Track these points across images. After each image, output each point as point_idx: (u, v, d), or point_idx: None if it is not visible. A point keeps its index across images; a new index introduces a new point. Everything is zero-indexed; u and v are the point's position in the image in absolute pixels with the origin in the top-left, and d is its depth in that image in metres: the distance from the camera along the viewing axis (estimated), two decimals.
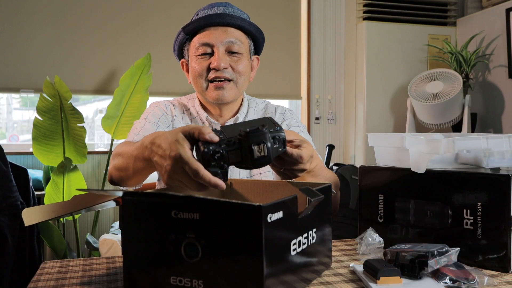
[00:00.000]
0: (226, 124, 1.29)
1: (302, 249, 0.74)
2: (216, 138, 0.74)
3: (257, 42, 1.30)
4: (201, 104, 1.31)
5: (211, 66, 1.19)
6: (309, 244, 0.77)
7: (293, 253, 0.71)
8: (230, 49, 1.21)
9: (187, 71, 1.30)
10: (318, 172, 1.04)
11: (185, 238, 0.67)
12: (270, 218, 0.63)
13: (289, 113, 1.35)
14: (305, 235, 0.75)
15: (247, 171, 1.28)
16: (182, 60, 1.31)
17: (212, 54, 1.20)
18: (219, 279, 0.65)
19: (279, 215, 0.65)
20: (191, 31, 1.22)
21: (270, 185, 0.96)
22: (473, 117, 2.89)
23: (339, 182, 1.17)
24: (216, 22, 1.19)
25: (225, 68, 1.19)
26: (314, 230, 0.78)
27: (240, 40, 1.22)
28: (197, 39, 1.22)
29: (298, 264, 0.73)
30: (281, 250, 0.68)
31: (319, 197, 0.76)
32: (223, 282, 0.65)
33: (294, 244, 0.71)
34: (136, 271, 0.72)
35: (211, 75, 1.20)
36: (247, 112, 1.33)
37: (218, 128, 0.78)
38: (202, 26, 1.20)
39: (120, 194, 0.72)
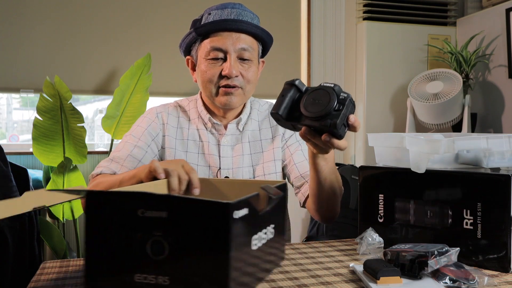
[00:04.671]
0: (228, 124, 1.29)
1: (262, 244, 0.78)
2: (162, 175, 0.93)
3: (266, 46, 1.31)
4: (204, 105, 1.31)
5: (223, 73, 1.19)
6: (268, 239, 0.81)
7: (254, 247, 0.75)
8: (242, 56, 1.21)
9: (192, 68, 1.30)
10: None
11: (151, 236, 0.67)
12: (236, 215, 0.66)
13: None
14: (264, 230, 0.79)
15: (251, 170, 1.28)
16: (188, 57, 1.31)
17: (223, 59, 1.20)
18: (185, 275, 0.66)
19: (244, 211, 0.69)
20: (203, 33, 1.21)
21: (238, 184, 1.00)
22: (473, 117, 2.89)
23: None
24: (230, 27, 1.19)
25: (236, 76, 1.20)
26: (272, 225, 0.83)
27: (252, 47, 1.23)
28: (208, 42, 1.21)
29: (258, 257, 0.77)
30: (244, 245, 0.71)
31: (279, 194, 0.80)
32: (189, 278, 0.66)
33: (255, 239, 0.75)
34: (99, 270, 0.71)
35: (222, 82, 1.20)
36: (250, 113, 1.33)
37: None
38: (216, 30, 1.20)
39: (84, 193, 0.72)
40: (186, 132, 1.30)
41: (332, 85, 0.85)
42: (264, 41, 1.27)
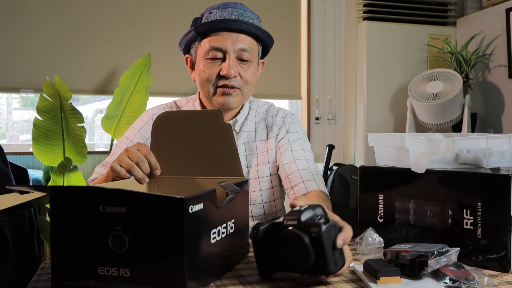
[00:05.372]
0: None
1: (222, 238, 0.80)
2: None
3: (266, 47, 1.30)
4: (201, 104, 1.31)
5: (221, 73, 1.18)
6: (228, 233, 0.83)
7: (213, 241, 0.77)
8: (241, 57, 1.20)
9: (191, 67, 1.29)
10: None
11: (112, 230, 0.70)
12: (192, 209, 0.69)
13: (290, 117, 1.33)
14: (224, 225, 0.81)
15: (245, 172, 1.28)
16: (187, 55, 1.30)
17: (222, 59, 1.19)
18: (145, 267, 0.69)
19: (199, 206, 0.71)
20: (203, 32, 1.21)
21: (199, 183, 1.02)
22: (473, 117, 2.89)
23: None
24: (230, 27, 1.18)
25: (235, 76, 1.19)
26: (233, 220, 0.85)
27: (252, 48, 1.22)
28: (208, 42, 1.20)
29: (217, 251, 0.79)
30: (201, 238, 0.73)
31: (236, 190, 0.83)
32: (149, 270, 0.69)
33: (214, 233, 0.77)
34: (65, 264, 0.73)
35: (220, 82, 1.19)
36: (248, 114, 1.32)
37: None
38: (216, 30, 1.19)
39: (50, 189, 0.74)
40: None
41: (296, 222, 0.73)
42: (265, 42, 1.26)
